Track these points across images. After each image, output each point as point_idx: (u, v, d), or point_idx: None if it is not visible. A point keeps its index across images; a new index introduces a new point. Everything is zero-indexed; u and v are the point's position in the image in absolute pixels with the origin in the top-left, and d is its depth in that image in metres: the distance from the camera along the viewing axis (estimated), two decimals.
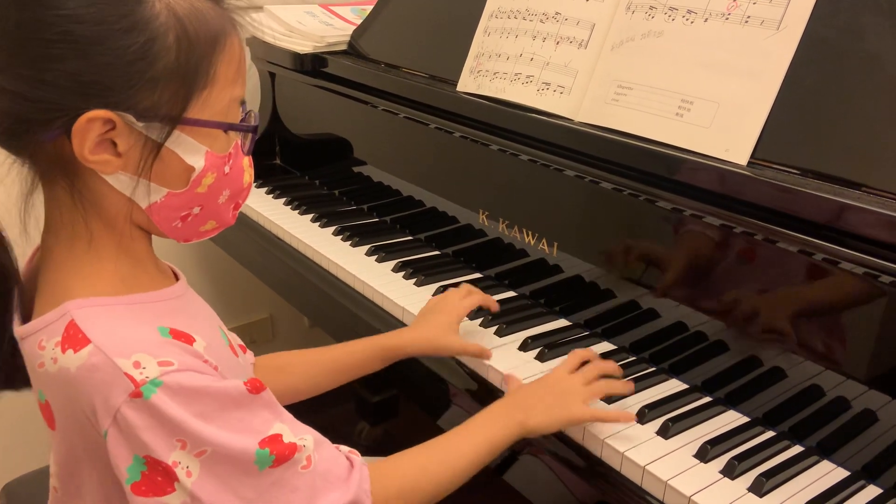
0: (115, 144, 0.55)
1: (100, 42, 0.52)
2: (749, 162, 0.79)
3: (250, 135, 0.63)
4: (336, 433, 0.61)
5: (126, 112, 0.54)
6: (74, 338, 0.55)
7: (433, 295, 1.06)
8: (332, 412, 1.90)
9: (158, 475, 0.54)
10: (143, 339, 0.56)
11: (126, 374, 0.53)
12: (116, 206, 0.58)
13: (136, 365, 0.53)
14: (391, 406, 1.74)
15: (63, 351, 0.55)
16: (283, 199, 1.42)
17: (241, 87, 0.60)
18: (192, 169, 0.58)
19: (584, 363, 0.84)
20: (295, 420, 0.61)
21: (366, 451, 1.85)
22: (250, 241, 1.37)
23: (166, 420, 0.53)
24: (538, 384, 0.81)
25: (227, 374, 0.60)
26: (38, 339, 0.57)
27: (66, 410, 0.57)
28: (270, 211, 1.37)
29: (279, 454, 0.57)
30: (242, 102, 0.61)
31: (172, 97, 0.55)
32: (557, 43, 0.99)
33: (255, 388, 0.58)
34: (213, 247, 1.54)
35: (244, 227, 1.38)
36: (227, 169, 0.61)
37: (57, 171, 0.57)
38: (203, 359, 0.58)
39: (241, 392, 0.57)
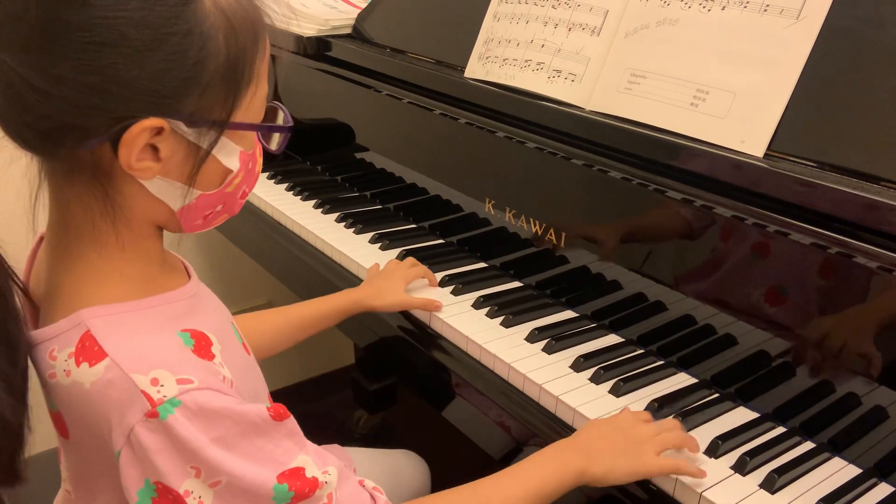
0: (155, 150, 0.52)
1: (155, 48, 0.49)
2: (765, 154, 0.78)
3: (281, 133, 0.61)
4: (334, 421, 0.58)
5: (175, 118, 0.51)
6: (90, 350, 0.52)
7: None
8: (331, 400, 1.90)
9: (168, 503, 0.51)
10: (162, 352, 0.53)
11: (143, 391, 0.50)
12: (147, 211, 0.56)
13: (154, 382, 0.51)
14: (389, 394, 1.73)
15: (77, 364, 0.52)
16: (285, 185, 1.40)
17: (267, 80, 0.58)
18: (229, 171, 0.56)
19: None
20: (319, 450, 0.58)
21: (363, 439, 1.84)
22: (251, 226, 1.35)
23: (182, 444, 0.50)
24: (607, 425, 0.73)
25: (240, 382, 0.58)
26: (49, 347, 0.54)
27: (80, 424, 0.55)
28: (272, 196, 1.36)
29: (298, 491, 0.53)
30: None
31: (222, 100, 0.53)
32: (569, 29, 0.98)
33: (279, 414, 0.55)
34: (213, 231, 1.52)
35: (245, 212, 1.36)
36: (250, 165, 0.59)
37: (86, 174, 0.53)
38: (222, 376, 0.55)
39: (263, 418, 0.54)
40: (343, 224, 1.25)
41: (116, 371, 0.51)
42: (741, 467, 0.72)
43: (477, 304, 1.00)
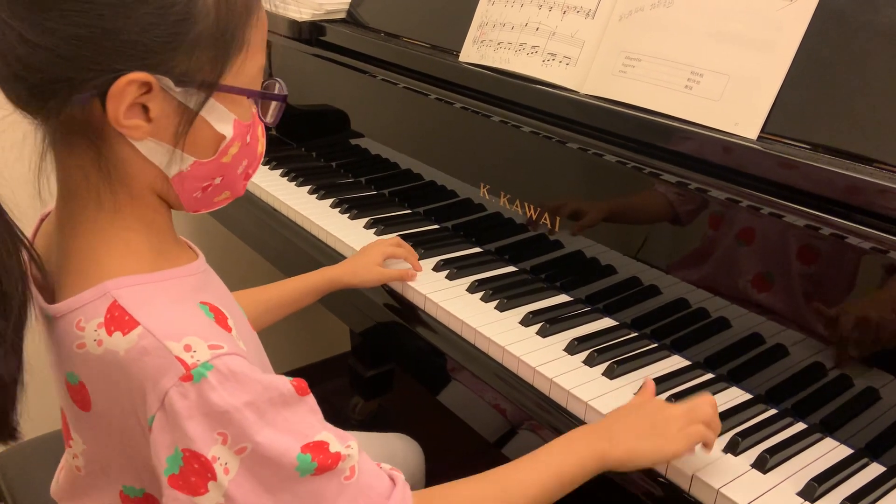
0: (146, 109, 0.53)
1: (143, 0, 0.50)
2: (759, 136, 0.78)
3: (275, 103, 0.61)
4: (330, 407, 0.58)
5: (164, 76, 0.52)
6: (120, 320, 0.53)
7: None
8: (327, 386, 1.90)
9: (193, 475, 0.51)
10: (191, 321, 0.54)
11: (177, 357, 0.51)
12: (142, 174, 0.56)
13: (187, 348, 0.51)
14: (386, 381, 1.74)
15: (109, 333, 0.52)
16: (280, 171, 1.40)
17: (265, 55, 0.59)
18: (222, 137, 0.56)
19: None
20: (338, 429, 0.58)
21: (359, 425, 1.85)
22: (246, 212, 1.35)
23: (212, 408, 0.51)
24: (632, 409, 0.71)
25: (252, 356, 0.58)
26: (74, 318, 0.54)
27: (106, 394, 0.55)
28: (267, 182, 1.35)
29: (321, 463, 0.54)
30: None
31: (210, 62, 0.53)
32: (564, 12, 0.97)
33: (302, 389, 0.55)
34: (209, 218, 1.52)
35: (240, 198, 1.36)
36: (248, 138, 0.59)
37: (81, 136, 0.54)
38: (241, 348, 0.56)
39: (288, 389, 0.54)
40: (338, 210, 1.25)
41: (150, 339, 0.52)
42: (733, 448, 0.72)
43: (472, 289, 1.00)
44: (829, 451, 0.73)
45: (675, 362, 0.87)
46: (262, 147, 0.63)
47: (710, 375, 0.85)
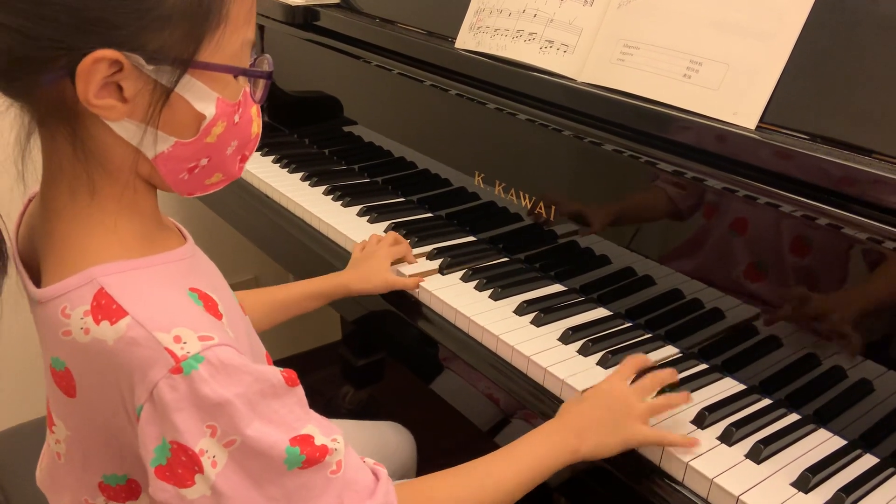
0: (120, 89, 0.51)
1: None
2: (757, 126, 0.77)
3: (263, 81, 0.59)
4: (321, 396, 0.57)
5: (134, 53, 0.50)
6: (108, 308, 0.51)
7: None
8: (317, 375, 1.89)
9: (180, 466, 0.51)
10: (180, 310, 0.53)
11: (167, 349, 0.50)
12: (121, 157, 0.54)
13: (177, 339, 0.51)
14: (376, 369, 1.73)
15: (97, 322, 0.51)
16: (272, 157, 1.39)
17: (253, 29, 0.57)
18: (202, 117, 0.54)
19: (641, 372, 0.77)
20: (323, 420, 0.58)
21: (350, 414, 1.84)
22: (237, 198, 1.33)
23: (202, 400, 0.50)
24: (592, 400, 0.74)
25: (242, 343, 0.58)
26: (59, 305, 0.53)
27: (92, 381, 0.54)
28: (259, 169, 1.34)
29: (310, 455, 0.53)
30: (252, 46, 0.58)
31: (184, 38, 0.51)
32: None
33: (292, 380, 0.55)
34: (198, 203, 1.51)
35: (232, 184, 1.34)
36: (236, 118, 0.57)
37: (57, 118, 0.53)
38: (231, 336, 0.55)
39: (279, 380, 0.54)
40: (331, 197, 1.23)
41: (139, 329, 0.51)
42: (727, 438, 0.72)
43: (466, 278, 0.99)
44: (822, 442, 0.74)
45: (669, 353, 0.87)
46: (258, 128, 0.61)
47: (704, 366, 0.84)
